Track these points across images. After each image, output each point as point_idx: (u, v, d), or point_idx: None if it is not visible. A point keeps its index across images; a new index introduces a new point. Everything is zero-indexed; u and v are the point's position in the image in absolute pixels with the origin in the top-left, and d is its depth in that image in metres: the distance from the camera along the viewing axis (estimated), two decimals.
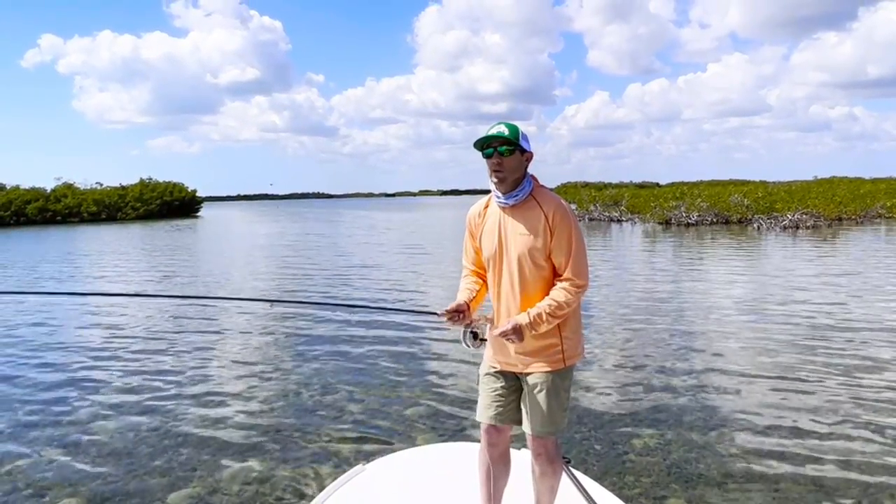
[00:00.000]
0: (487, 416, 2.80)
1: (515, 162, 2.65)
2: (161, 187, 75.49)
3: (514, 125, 2.67)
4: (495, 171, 2.66)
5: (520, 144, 2.66)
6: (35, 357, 8.59)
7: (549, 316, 2.60)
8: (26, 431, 5.78)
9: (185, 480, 4.65)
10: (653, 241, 25.43)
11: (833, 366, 6.98)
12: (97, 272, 19.33)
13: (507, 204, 2.71)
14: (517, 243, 2.68)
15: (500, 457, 2.84)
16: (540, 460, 2.74)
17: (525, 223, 2.67)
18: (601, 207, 41.41)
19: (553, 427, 2.69)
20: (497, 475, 2.85)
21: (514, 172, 2.66)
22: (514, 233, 2.69)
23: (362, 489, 3.35)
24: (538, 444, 2.72)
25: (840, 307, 10.16)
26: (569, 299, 2.61)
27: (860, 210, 32.99)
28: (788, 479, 4.41)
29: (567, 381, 2.74)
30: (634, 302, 11.34)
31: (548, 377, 2.69)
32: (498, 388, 2.80)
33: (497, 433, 2.81)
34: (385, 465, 3.67)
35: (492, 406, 2.79)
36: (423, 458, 3.78)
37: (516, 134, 2.65)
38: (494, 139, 2.64)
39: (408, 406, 6.11)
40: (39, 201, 66.27)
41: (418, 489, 3.33)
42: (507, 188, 2.69)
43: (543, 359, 2.70)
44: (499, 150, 2.64)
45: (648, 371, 7.04)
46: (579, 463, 4.70)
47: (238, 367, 7.80)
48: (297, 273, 17.25)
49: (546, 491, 2.81)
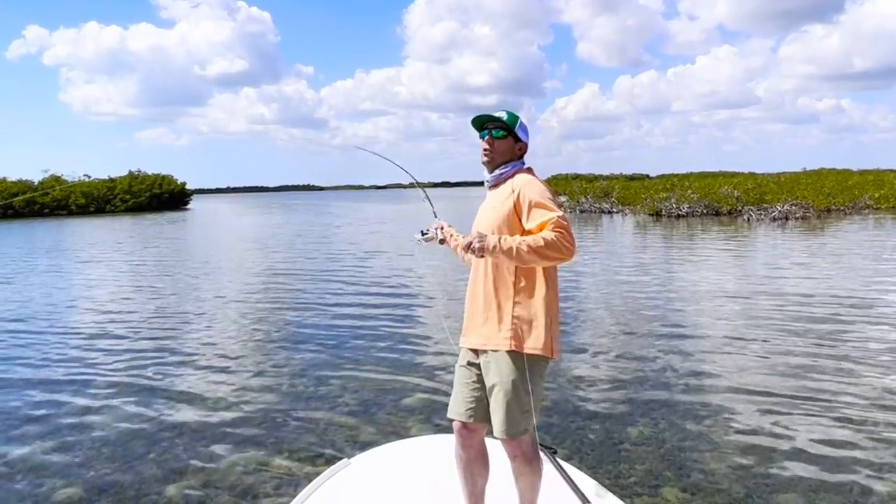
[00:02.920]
0: (457, 413, 2.72)
1: (506, 147, 2.70)
2: (150, 180, 75.04)
3: (515, 114, 2.71)
4: (485, 150, 2.72)
5: (515, 132, 2.67)
6: (27, 346, 8.53)
7: (524, 244, 2.41)
8: (20, 422, 5.74)
9: (180, 473, 4.64)
10: (644, 232, 25.51)
11: (826, 353, 7.04)
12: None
13: (489, 183, 2.77)
14: (488, 217, 2.68)
15: (477, 456, 2.78)
16: (517, 462, 2.66)
17: (497, 197, 2.70)
18: (592, 199, 41.49)
19: (517, 427, 2.58)
20: (475, 474, 2.79)
21: (502, 157, 2.71)
22: (488, 208, 2.73)
23: (347, 483, 3.31)
24: (511, 447, 2.63)
25: (832, 296, 10.24)
26: (547, 241, 2.40)
27: (848, 201, 33.20)
28: (782, 466, 4.45)
29: (534, 377, 2.59)
30: (627, 292, 11.39)
31: (500, 364, 2.58)
32: (470, 383, 2.72)
33: (469, 433, 2.73)
34: (369, 459, 3.64)
35: (463, 402, 2.72)
36: (408, 451, 3.75)
37: (514, 122, 2.68)
38: (491, 121, 2.70)
39: (403, 397, 6.12)
40: (27, 193, 65.67)
41: (403, 482, 3.31)
42: (492, 170, 2.75)
43: (500, 337, 2.60)
44: (493, 133, 2.68)
45: (641, 361, 7.07)
46: (574, 452, 4.73)
47: (230, 359, 7.77)
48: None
49: (527, 488, 2.73)
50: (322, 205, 78.30)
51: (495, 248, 2.46)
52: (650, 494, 4.11)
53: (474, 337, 2.72)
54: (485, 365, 2.67)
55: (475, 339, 2.71)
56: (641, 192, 39.35)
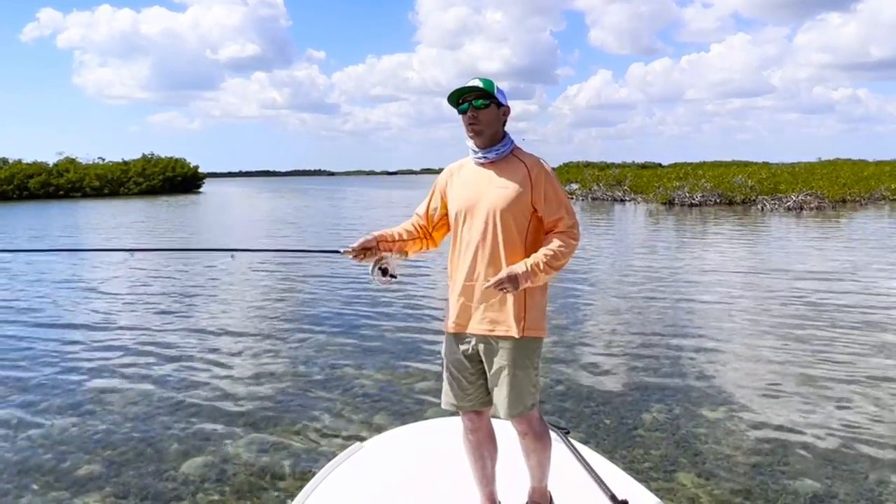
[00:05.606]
0: (460, 405, 2.70)
1: (492, 115, 2.58)
2: (163, 163, 75.21)
3: (488, 79, 2.58)
4: (471, 124, 2.58)
5: (495, 97, 2.57)
6: (47, 324, 8.65)
7: (547, 266, 2.48)
8: (42, 399, 5.84)
9: (198, 449, 4.71)
10: (656, 221, 25.39)
11: (844, 341, 7.01)
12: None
13: (486, 159, 2.62)
14: (496, 196, 2.56)
15: (485, 438, 2.76)
16: (527, 439, 2.66)
17: (506, 176, 2.58)
18: (604, 187, 41.30)
19: (523, 405, 2.57)
20: (485, 456, 2.77)
21: (490, 126, 2.58)
22: (492, 186, 2.59)
23: (360, 466, 3.32)
24: (521, 424, 2.62)
25: (850, 284, 10.18)
26: (565, 250, 2.50)
27: (864, 192, 32.84)
28: (798, 453, 4.46)
29: (534, 359, 2.60)
30: (641, 279, 11.37)
31: (508, 348, 2.56)
32: (466, 373, 2.68)
33: (478, 417, 2.72)
34: (382, 442, 3.64)
35: (462, 394, 2.69)
36: (421, 434, 3.75)
37: (491, 87, 2.56)
38: (469, 91, 2.56)
39: (419, 380, 6.17)
40: (42, 175, 66.08)
41: (416, 465, 3.32)
42: (485, 142, 2.61)
43: (504, 323, 2.56)
44: (474, 104, 2.56)
45: (656, 347, 7.07)
46: (589, 437, 4.75)
47: (246, 342, 7.85)
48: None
49: (537, 464, 2.73)
50: (336, 189, 78.33)
51: (528, 281, 2.48)
52: (665, 479, 4.13)
53: (476, 322, 2.62)
54: (486, 350, 2.61)
55: (478, 325, 2.62)
56: (654, 181, 39.09)
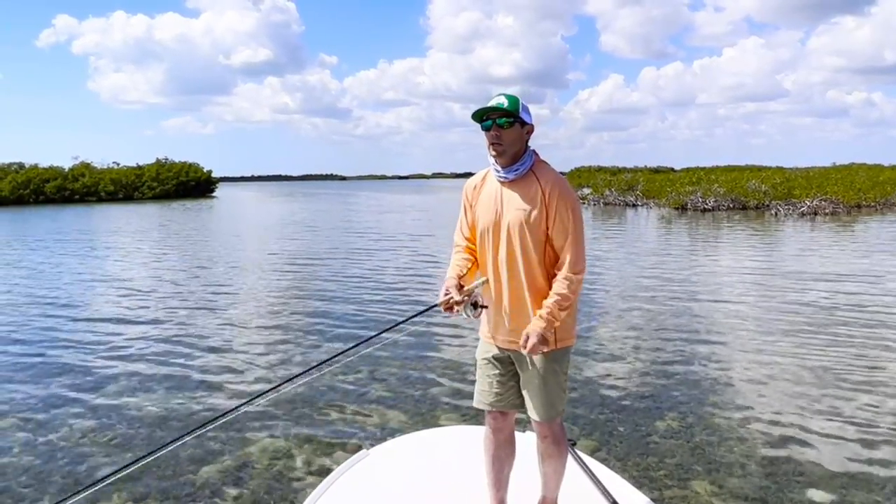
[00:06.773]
0: (490, 403, 2.79)
1: (515, 134, 2.57)
2: (177, 167, 75.84)
3: (514, 96, 2.58)
4: (494, 143, 2.58)
5: (520, 116, 2.56)
6: (64, 328, 8.76)
7: (560, 310, 2.56)
8: (60, 401, 5.92)
9: (214, 454, 4.76)
10: (669, 226, 25.29)
11: (858, 349, 6.96)
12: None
13: (506, 178, 2.63)
14: (514, 217, 2.60)
15: (506, 441, 2.84)
16: (546, 442, 2.75)
17: (522, 196, 2.60)
18: (617, 192, 41.19)
19: (554, 410, 2.69)
20: (503, 459, 2.84)
21: (513, 145, 2.57)
22: (511, 206, 2.62)
23: (365, 474, 3.35)
24: (543, 428, 2.73)
25: (863, 293, 10.10)
26: (572, 289, 2.57)
27: (880, 197, 32.53)
28: (812, 462, 4.44)
29: (564, 365, 2.71)
30: (654, 285, 11.33)
31: (540, 358, 2.64)
32: (497, 374, 2.78)
33: (503, 418, 2.81)
34: (388, 450, 3.66)
35: (492, 393, 2.78)
36: (426, 442, 3.77)
37: (516, 105, 2.55)
38: (493, 111, 2.55)
39: (431, 385, 6.19)
40: (58, 180, 66.79)
41: (421, 473, 3.34)
42: (507, 161, 2.61)
43: None
44: (497, 123, 2.55)
45: (669, 354, 7.06)
46: (602, 444, 4.76)
47: (260, 346, 7.91)
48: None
49: (552, 472, 2.82)
50: (349, 194, 78.58)
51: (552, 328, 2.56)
52: (680, 487, 4.12)
53: (506, 335, 2.72)
54: (518, 357, 2.71)
55: (509, 339, 2.71)
56: (667, 186, 38.93)
